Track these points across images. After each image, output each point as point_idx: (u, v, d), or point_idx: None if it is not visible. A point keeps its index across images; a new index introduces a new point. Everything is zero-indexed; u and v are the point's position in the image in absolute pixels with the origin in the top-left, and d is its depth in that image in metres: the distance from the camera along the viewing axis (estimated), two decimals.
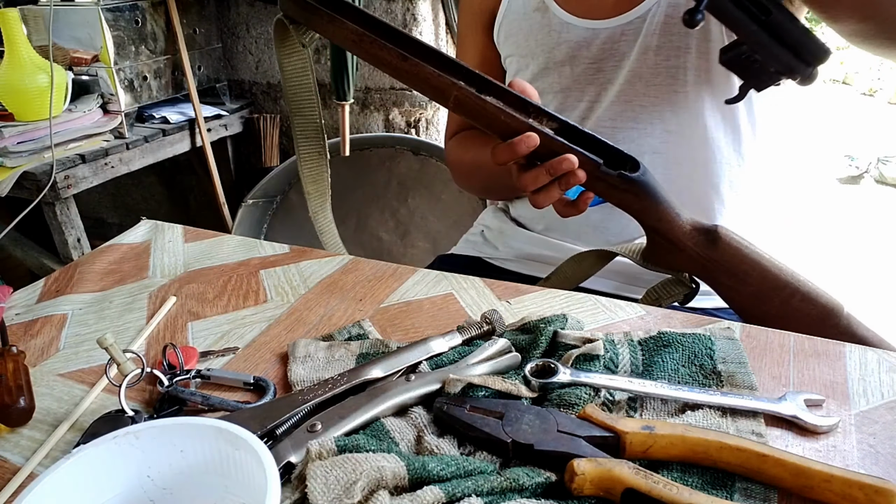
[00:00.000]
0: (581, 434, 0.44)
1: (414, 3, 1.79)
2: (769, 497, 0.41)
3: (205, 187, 2.22)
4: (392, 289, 0.68)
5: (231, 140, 2.15)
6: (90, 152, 1.70)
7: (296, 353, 0.56)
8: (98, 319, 0.66)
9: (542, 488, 0.42)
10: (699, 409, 0.48)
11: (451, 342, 0.56)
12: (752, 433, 0.46)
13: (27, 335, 0.64)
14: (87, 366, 0.59)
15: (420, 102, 1.92)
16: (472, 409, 0.46)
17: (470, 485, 0.40)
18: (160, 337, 0.62)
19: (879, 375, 0.52)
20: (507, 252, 0.93)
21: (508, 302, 0.65)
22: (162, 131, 1.87)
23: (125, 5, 1.74)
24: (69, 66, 1.73)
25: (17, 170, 1.57)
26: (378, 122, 2.00)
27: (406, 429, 0.47)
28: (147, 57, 1.82)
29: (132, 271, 0.75)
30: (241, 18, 2.07)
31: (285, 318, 0.64)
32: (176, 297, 0.68)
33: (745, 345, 0.55)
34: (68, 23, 1.73)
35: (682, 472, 0.43)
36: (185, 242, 0.81)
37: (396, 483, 0.41)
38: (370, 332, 0.60)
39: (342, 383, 0.51)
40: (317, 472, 0.41)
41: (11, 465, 0.48)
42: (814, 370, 0.52)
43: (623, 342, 0.55)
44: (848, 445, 0.45)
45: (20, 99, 1.58)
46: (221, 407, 0.51)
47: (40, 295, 0.71)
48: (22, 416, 0.51)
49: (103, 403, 0.54)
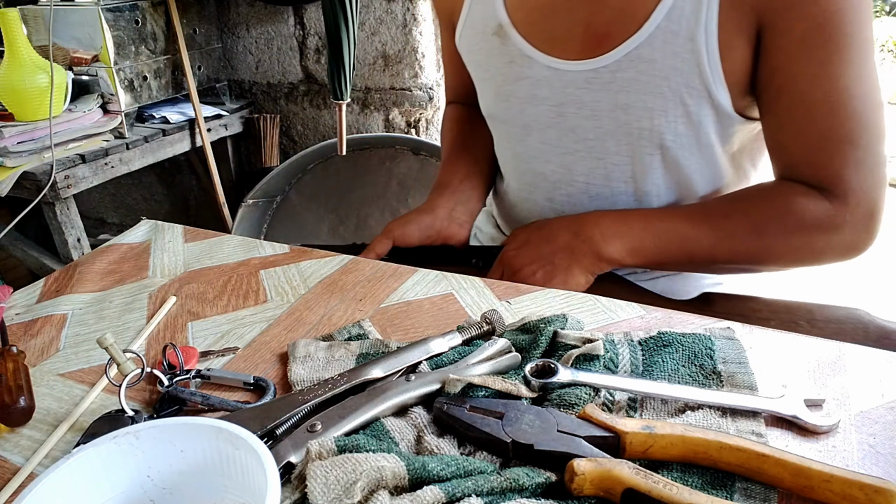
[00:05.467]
0: (581, 434, 0.44)
1: (414, 3, 1.79)
2: (769, 497, 0.41)
3: (205, 187, 2.22)
4: (392, 289, 0.68)
5: (231, 140, 2.15)
6: (90, 152, 1.70)
7: (296, 353, 0.56)
8: (98, 319, 0.66)
9: (542, 488, 0.42)
10: (699, 409, 0.48)
11: (451, 342, 0.56)
12: (752, 433, 0.46)
13: (27, 335, 0.64)
14: (87, 366, 0.59)
15: (420, 102, 1.92)
16: (472, 409, 0.46)
17: (470, 485, 0.40)
18: (160, 337, 0.62)
19: (879, 375, 0.52)
20: None
21: (508, 302, 0.65)
22: (162, 131, 1.87)
23: (125, 5, 1.74)
24: (69, 66, 1.73)
25: (17, 170, 1.57)
26: (378, 122, 2.00)
27: (406, 429, 0.47)
28: (147, 57, 1.82)
29: (132, 271, 0.75)
30: (241, 18, 2.07)
31: (285, 318, 0.64)
32: (176, 297, 0.68)
33: (745, 345, 0.55)
34: (68, 23, 1.73)
35: (682, 472, 0.43)
36: (185, 242, 0.81)
37: (396, 483, 0.41)
38: (370, 332, 0.60)
39: (342, 383, 0.51)
40: (317, 472, 0.41)
41: (11, 465, 0.48)
42: (814, 370, 0.52)
43: (623, 342, 0.55)
44: (848, 445, 0.45)
45: (20, 99, 1.58)
46: (221, 407, 0.51)
47: (40, 295, 0.71)
48: (22, 416, 0.51)
49: (103, 403, 0.54)
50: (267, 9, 2.02)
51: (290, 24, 2.01)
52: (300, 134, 2.17)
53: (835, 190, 0.68)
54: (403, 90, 1.92)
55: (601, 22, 0.71)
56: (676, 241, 0.72)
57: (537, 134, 0.79)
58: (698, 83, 0.68)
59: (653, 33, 0.68)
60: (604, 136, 0.75)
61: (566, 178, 0.79)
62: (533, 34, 0.76)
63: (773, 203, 0.71)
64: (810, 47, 0.64)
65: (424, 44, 1.85)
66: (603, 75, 0.72)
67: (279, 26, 2.03)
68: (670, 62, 0.68)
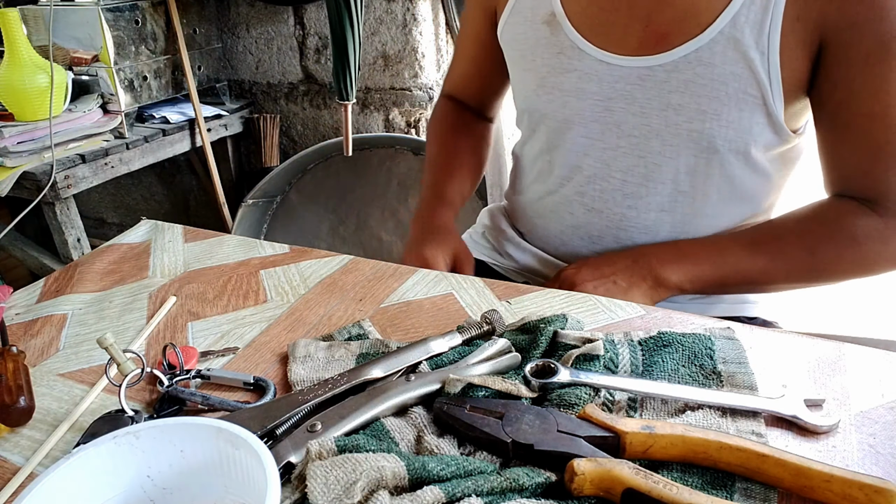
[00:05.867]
0: (581, 434, 0.44)
1: (414, 3, 1.79)
2: (769, 497, 0.41)
3: (205, 187, 2.22)
4: (392, 289, 0.68)
5: (231, 140, 2.15)
6: (90, 152, 1.70)
7: (296, 353, 0.56)
8: (98, 319, 0.66)
9: (542, 488, 0.42)
10: (699, 409, 0.48)
11: (451, 342, 0.56)
12: (752, 433, 0.46)
13: (27, 335, 0.64)
14: (87, 366, 0.59)
15: (420, 102, 1.92)
16: (472, 409, 0.46)
17: (470, 485, 0.40)
18: (160, 337, 0.62)
19: (879, 375, 0.52)
20: (513, 262, 0.92)
21: (508, 302, 0.65)
22: (162, 131, 1.87)
23: (125, 5, 1.74)
24: (69, 66, 1.73)
25: (17, 170, 1.57)
26: (378, 122, 2.00)
27: (406, 429, 0.47)
28: (147, 57, 1.82)
29: (132, 271, 0.75)
30: (241, 18, 2.07)
31: (285, 318, 0.64)
32: (176, 297, 0.68)
33: (745, 345, 0.55)
34: (68, 23, 1.73)
35: (682, 472, 0.43)
36: (185, 242, 0.81)
37: (396, 483, 0.41)
38: (370, 332, 0.60)
39: (342, 383, 0.51)
40: (317, 472, 0.41)
41: (11, 465, 0.48)
42: (814, 370, 0.52)
43: (623, 342, 0.55)
44: (848, 445, 0.45)
45: (20, 99, 1.58)
46: (221, 407, 0.51)
47: (40, 295, 0.71)
48: (22, 416, 0.51)
49: (103, 403, 0.54)
50: (267, 9, 2.01)
51: (290, 24, 2.01)
52: (300, 134, 2.17)
53: (885, 202, 0.69)
54: (403, 90, 1.92)
55: (663, 21, 0.71)
56: (732, 266, 0.74)
57: (579, 128, 0.78)
58: (755, 91, 0.69)
59: (714, 38, 0.68)
60: (649, 134, 0.74)
61: (603, 172, 0.78)
62: (586, 26, 0.75)
63: (824, 221, 0.73)
64: (873, 63, 0.65)
65: (424, 44, 1.85)
66: (658, 73, 0.71)
67: (279, 26, 2.03)
68: (730, 68, 0.68)
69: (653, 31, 0.72)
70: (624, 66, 0.73)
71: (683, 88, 0.71)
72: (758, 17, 0.67)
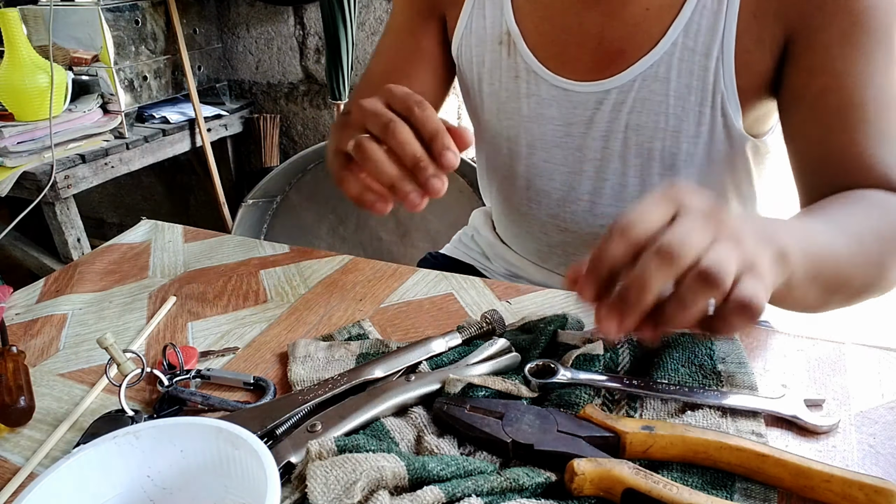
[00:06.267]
0: (581, 434, 0.44)
1: None
2: (769, 497, 0.41)
3: (205, 187, 2.22)
4: (392, 289, 0.68)
5: (231, 140, 2.15)
6: (90, 152, 1.70)
7: (296, 353, 0.56)
8: (98, 319, 0.66)
9: (542, 488, 0.42)
10: (699, 409, 0.48)
11: (451, 342, 0.56)
12: (752, 433, 0.46)
13: (27, 335, 0.64)
14: (87, 366, 0.59)
15: None
16: (472, 409, 0.46)
17: (470, 485, 0.40)
18: (160, 337, 0.62)
19: (879, 375, 0.52)
20: (500, 268, 0.91)
21: (508, 302, 0.65)
22: (162, 131, 1.87)
23: (125, 5, 1.74)
24: (69, 66, 1.74)
25: (17, 170, 1.57)
26: None
27: (406, 429, 0.47)
28: (147, 57, 1.82)
29: (132, 271, 0.75)
30: (241, 18, 2.07)
31: (285, 318, 0.64)
32: (176, 297, 0.68)
33: (745, 345, 0.55)
34: (68, 23, 1.73)
35: (682, 472, 0.43)
36: (184, 242, 0.81)
37: (396, 483, 0.41)
38: (370, 332, 0.60)
39: (342, 383, 0.51)
40: (317, 472, 0.41)
41: (11, 465, 0.48)
42: (814, 370, 0.52)
43: (623, 342, 0.55)
44: (848, 445, 0.45)
45: (20, 99, 1.59)
46: (221, 407, 0.51)
47: (40, 295, 0.71)
48: (22, 416, 0.51)
49: (103, 403, 0.54)
50: (267, 9, 2.02)
51: (290, 24, 2.01)
52: (300, 134, 2.17)
53: None
54: None
55: (615, 37, 0.69)
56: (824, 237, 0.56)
57: (541, 153, 0.77)
58: (712, 101, 0.66)
59: (668, 50, 0.66)
60: (611, 156, 0.72)
61: (571, 195, 0.77)
62: (541, 47, 0.73)
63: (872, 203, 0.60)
64: (853, 43, 0.60)
65: None
66: (615, 96, 0.69)
67: (279, 26, 2.03)
68: (685, 80, 0.66)
69: (606, 50, 0.69)
70: (581, 92, 0.71)
71: (640, 108, 0.69)
72: (710, 21, 0.64)
